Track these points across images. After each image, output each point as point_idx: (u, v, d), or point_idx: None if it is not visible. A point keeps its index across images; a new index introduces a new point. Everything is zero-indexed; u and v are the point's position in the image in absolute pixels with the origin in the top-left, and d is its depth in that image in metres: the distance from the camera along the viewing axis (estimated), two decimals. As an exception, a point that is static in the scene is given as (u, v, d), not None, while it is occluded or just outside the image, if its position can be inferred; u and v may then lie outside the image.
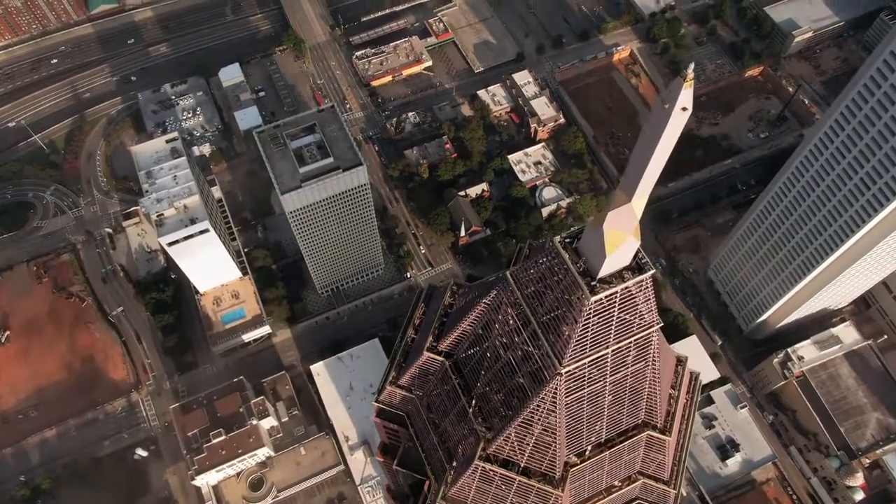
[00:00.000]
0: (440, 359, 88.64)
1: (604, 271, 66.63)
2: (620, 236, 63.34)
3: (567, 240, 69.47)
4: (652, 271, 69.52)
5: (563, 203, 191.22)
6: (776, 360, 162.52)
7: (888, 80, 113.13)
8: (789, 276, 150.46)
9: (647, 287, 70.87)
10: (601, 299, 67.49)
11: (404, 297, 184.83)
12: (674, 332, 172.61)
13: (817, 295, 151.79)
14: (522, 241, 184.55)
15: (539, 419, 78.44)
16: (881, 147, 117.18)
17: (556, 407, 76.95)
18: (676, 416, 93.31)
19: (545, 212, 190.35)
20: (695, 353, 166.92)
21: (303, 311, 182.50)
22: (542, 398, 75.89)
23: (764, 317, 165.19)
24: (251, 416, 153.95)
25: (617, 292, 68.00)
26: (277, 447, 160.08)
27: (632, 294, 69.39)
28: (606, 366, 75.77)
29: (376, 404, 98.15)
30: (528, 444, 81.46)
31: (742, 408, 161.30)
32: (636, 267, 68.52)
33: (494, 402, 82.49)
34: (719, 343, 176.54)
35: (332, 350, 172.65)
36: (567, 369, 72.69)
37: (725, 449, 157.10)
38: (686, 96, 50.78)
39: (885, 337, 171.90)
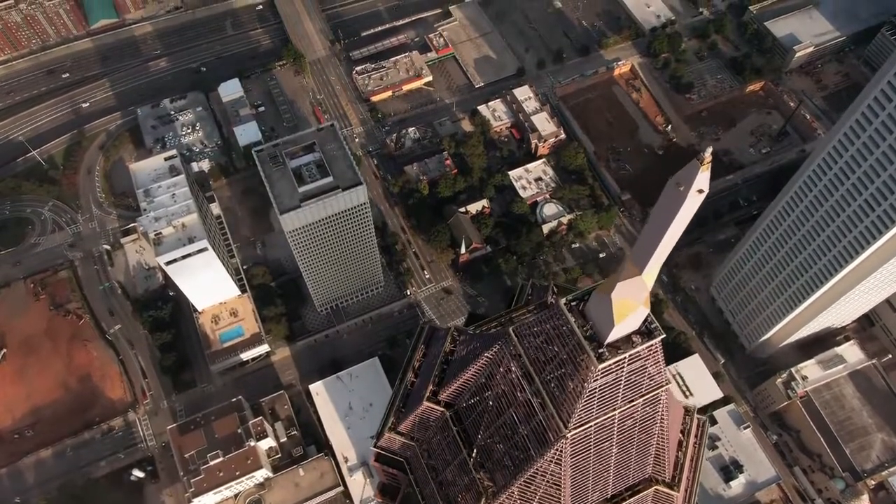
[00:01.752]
0: (440, 409, 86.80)
1: (612, 337, 65.09)
2: (630, 306, 62.23)
3: (573, 302, 67.83)
4: (662, 336, 67.78)
5: (564, 219, 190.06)
6: (780, 379, 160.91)
7: (893, 101, 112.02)
8: (793, 294, 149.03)
9: (657, 351, 69.20)
10: (609, 366, 65.85)
11: (404, 315, 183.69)
12: (675, 350, 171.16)
13: (822, 314, 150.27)
14: (523, 258, 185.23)
15: (543, 477, 76.46)
16: (886, 168, 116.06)
17: (560, 467, 75.13)
18: (685, 467, 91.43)
19: (546, 228, 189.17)
20: (697, 373, 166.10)
21: (302, 329, 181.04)
22: (547, 459, 74.07)
23: (767, 336, 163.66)
24: (249, 437, 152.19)
25: (625, 359, 66.35)
26: (276, 468, 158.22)
27: (641, 358, 67.72)
28: (613, 426, 74.02)
29: (375, 449, 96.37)
30: (532, 501, 79.55)
31: (745, 428, 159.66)
32: (645, 331, 66.81)
33: (497, 455, 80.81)
34: (721, 362, 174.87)
35: (331, 369, 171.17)
36: (573, 433, 70.99)
37: (729, 470, 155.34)
38: (703, 179, 49.92)
39: (890, 356, 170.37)
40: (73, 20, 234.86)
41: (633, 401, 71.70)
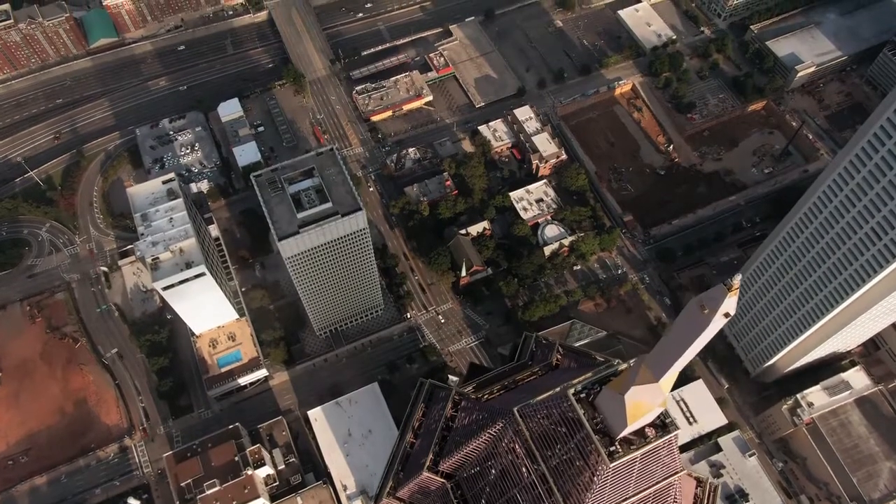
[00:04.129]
0: (440, 479, 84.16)
1: (624, 433, 62.70)
2: (645, 408, 60.22)
3: (582, 394, 65.50)
4: (677, 431, 65.16)
5: (566, 241, 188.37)
6: (785, 406, 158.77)
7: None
8: (800, 320, 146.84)
9: (672, 443, 66.59)
10: (621, 464, 63.17)
11: (404, 339, 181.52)
12: (679, 376, 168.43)
13: (828, 340, 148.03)
14: (524, 280, 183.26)
15: None
16: (893, 197, 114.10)
17: None
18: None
19: (547, 250, 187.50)
20: (701, 398, 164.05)
21: (300, 353, 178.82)
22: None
23: (772, 361, 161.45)
24: (246, 465, 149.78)
25: (638, 457, 63.74)
26: (273, 497, 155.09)
27: (656, 452, 65.09)
28: None
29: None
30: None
31: (751, 455, 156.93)
32: (660, 424, 64.23)
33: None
34: (726, 387, 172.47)
35: (330, 394, 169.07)
36: None
37: (734, 499, 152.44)
38: (730, 304, 48.52)
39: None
40: (72, 39, 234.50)
41: (644, 490, 68.94)
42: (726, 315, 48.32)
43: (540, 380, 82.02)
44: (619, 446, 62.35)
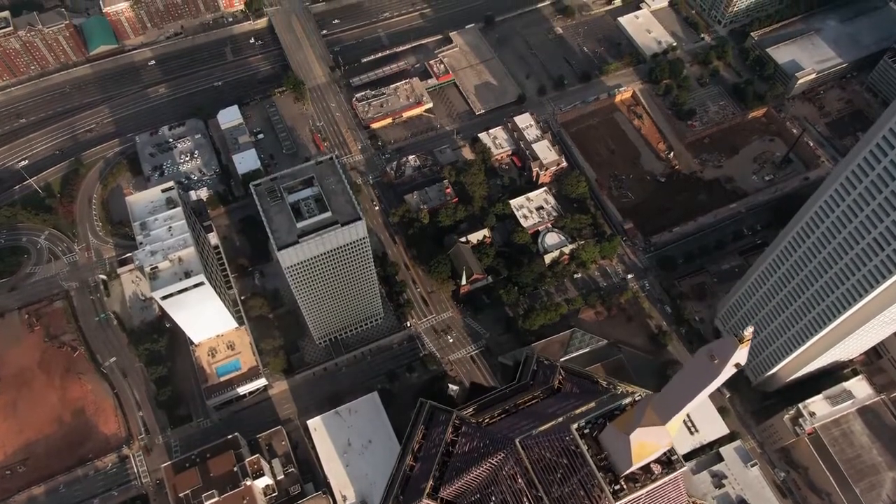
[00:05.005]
0: None
1: (629, 471, 61.84)
2: (651, 448, 59.56)
3: (586, 430, 64.65)
4: (684, 468, 64.36)
5: (567, 249, 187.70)
6: (787, 416, 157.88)
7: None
8: (802, 329, 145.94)
9: (678, 480, 65.57)
10: (626, 502, 62.16)
11: (404, 347, 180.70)
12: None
13: (832, 349, 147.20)
14: (525, 288, 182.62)
15: None
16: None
17: None
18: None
19: (548, 258, 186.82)
20: (702, 407, 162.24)
21: (300, 362, 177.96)
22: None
23: (774, 370, 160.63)
24: (245, 475, 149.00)
25: (643, 495, 62.87)
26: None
27: (661, 489, 64.17)
28: None
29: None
30: None
31: (753, 465, 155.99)
32: (666, 461, 63.26)
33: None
34: (727, 396, 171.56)
35: (329, 403, 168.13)
36: None
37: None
38: (741, 354, 48.30)
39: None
40: (72, 46, 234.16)
41: None
42: (737, 366, 47.83)
43: (542, 404, 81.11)
44: (623, 484, 61.46)
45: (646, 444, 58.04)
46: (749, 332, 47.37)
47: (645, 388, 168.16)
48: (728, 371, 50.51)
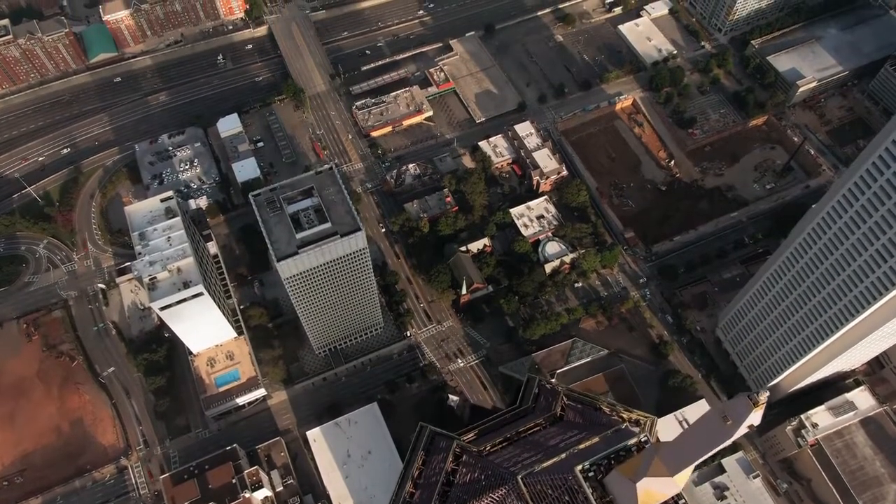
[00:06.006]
0: None
1: None
2: (657, 497, 58.74)
3: (590, 472, 63.72)
4: None
5: (567, 258, 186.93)
6: (789, 427, 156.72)
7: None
8: (804, 340, 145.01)
9: None
10: None
11: (404, 357, 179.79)
12: (681, 395, 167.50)
13: (835, 360, 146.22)
14: (525, 298, 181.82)
15: None
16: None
17: None
18: None
19: (548, 267, 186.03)
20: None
21: (299, 372, 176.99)
22: None
23: (776, 380, 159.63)
24: (244, 487, 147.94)
25: None
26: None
27: None
28: None
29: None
30: None
31: (755, 477, 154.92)
32: None
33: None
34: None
35: (329, 413, 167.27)
36: None
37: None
38: (756, 416, 47.75)
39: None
40: (71, 54, 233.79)
41: None
42: (750, 427, 47.28)
43: (544, 433, 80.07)
44: (628, 527, 60.95)
45: (653, 492, 57.27)
46: (764, 396, 47.15)
47: (646, 398, 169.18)
48: (741, 432, 50.07)
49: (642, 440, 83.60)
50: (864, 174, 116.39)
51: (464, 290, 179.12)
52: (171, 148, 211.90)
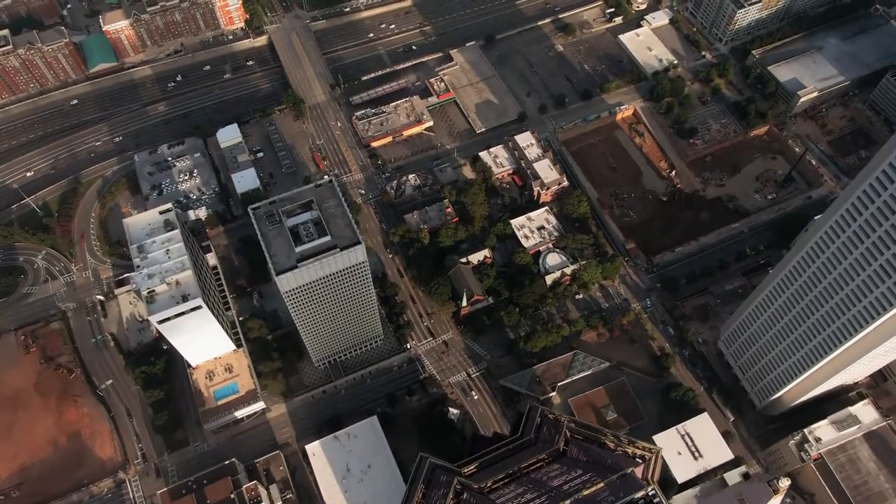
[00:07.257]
0: None
1: None
2: None
3: None
4: None
5: (568, 270, 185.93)
6: (792, 441, 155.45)
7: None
8: (807, 354, 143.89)
9: None
10: None
11: (404, 370, 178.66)
12: (684, 408, 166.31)
13: (838, 374, 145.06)
14: (526, 309, 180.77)
15: None
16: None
17: None
18: None
19: (549, 279, 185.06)
20: (706, 432, 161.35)
21: (299, 385, 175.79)
22: None
23: (779, 394, 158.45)
24: (243, 502, 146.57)
25: None
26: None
27: None
28: None
29: None
30: None
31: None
32: None
33: None
34: (731, 419, 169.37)
35: (329, 426, 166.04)
36: None
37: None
38: (774, 502, 46.43)
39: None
40: (71, 64, 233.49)
41: None
42: None
43: (546, 470, 78.74)
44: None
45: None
46: (785, 483, 45.84)
47: (648, 411, 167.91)
48: None
49: (650, 493, 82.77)
50: (867, 188, 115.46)
51: (464, 302, 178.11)
52: (170, 158, 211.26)
